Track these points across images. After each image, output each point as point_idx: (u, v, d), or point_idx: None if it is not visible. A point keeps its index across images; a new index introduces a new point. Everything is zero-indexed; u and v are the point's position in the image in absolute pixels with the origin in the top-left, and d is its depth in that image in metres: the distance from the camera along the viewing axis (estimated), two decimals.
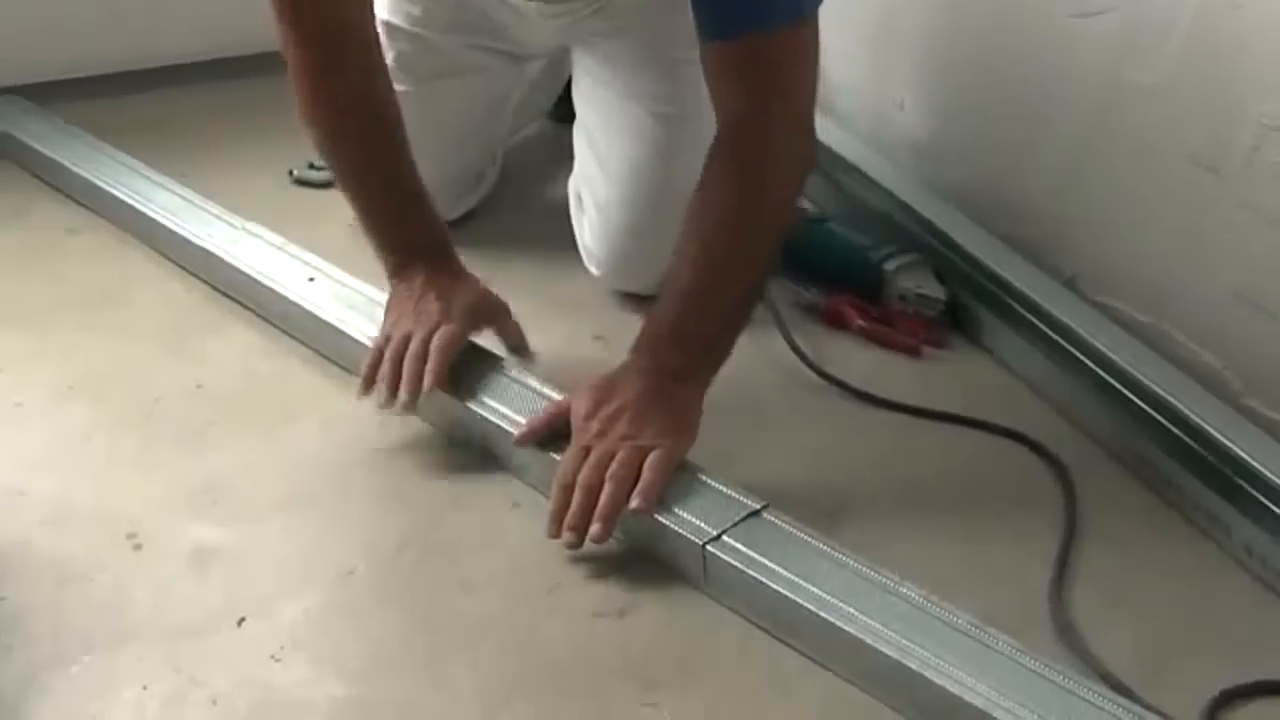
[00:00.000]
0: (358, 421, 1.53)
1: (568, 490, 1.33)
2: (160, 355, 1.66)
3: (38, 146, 2.01)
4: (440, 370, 1.44)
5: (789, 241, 1.81)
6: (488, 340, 1.57)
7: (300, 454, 1.50)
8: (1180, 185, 1.54)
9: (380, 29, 1.65)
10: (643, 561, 1.35)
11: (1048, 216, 1.74)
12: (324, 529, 1.40)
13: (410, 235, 1.55)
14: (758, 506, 1.33)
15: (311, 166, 2.03)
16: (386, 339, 1.48)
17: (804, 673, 1.24)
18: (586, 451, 1.35)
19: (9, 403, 1.57)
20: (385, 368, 1.46)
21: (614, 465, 1.33)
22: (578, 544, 1.32)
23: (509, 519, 1.41)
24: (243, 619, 1.28)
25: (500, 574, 1.35)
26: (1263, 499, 1.36)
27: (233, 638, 1.26)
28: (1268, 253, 1.44)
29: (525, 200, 1.98)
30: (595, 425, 1.37)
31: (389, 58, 1.67)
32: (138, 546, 1.36)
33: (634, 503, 1.32)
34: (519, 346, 1.59)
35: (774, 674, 1.25)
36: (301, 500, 1.44)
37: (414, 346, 1.45)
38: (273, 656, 1.24)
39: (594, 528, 1.31)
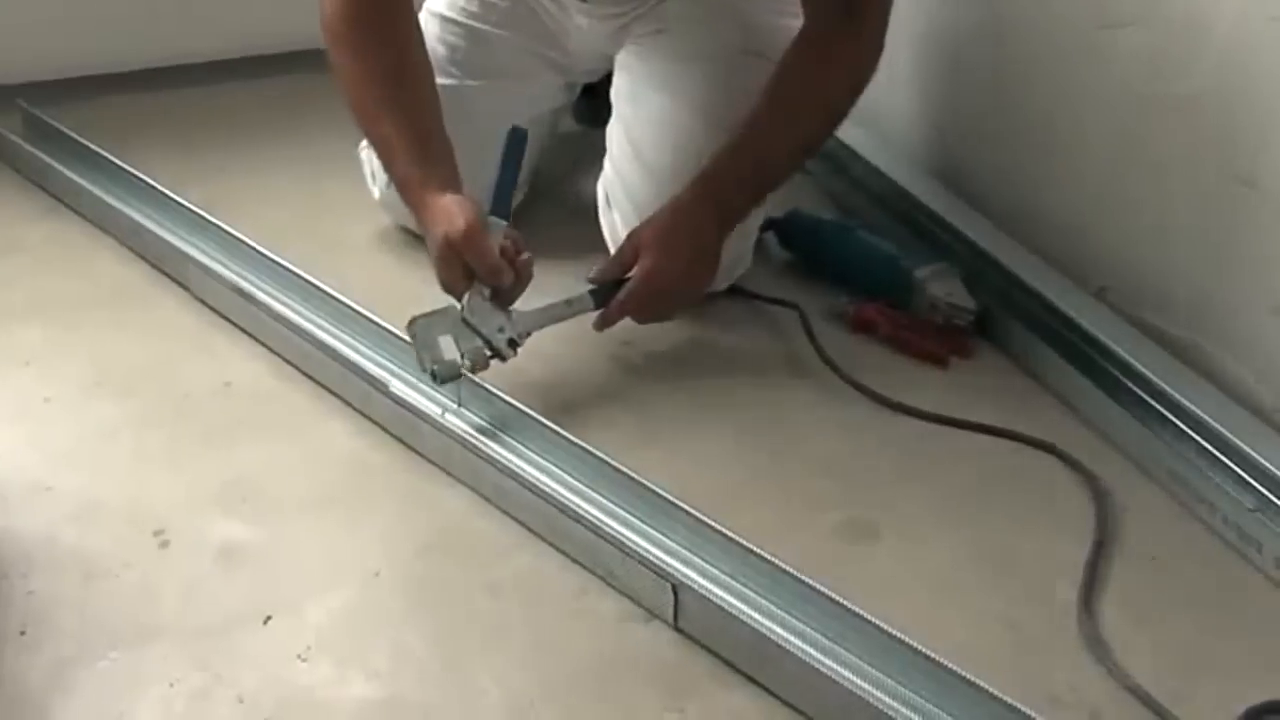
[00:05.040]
0: (385, 422, 1.53)
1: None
2: (189, 352, 1.66)
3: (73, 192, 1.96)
4: None
5: (819, 248, 1.83)
6: None
7: (328, 454, 1.50)
8: (1215, 198, 1.53)
9: (435, 22, 1.76)
10: None
11: (1079, 227, 1.74)
12: (351, 529, 1.40)
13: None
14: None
15: None
16: None
17: None
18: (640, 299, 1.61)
19: (37, 397, 1.57)
20: None
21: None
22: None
23: None
24: (269, 618, 1.28)
25: (526, 577, 1.34)
26: None
27: (259, 636, 1.26)
28: None
29: (551, 202, 1.97)
30: (648, 302, 1.62)
31: (441, 52, 1.75)
32: (165, 543, 1.36)
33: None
34: None
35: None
36: (328, 500, 1.43)
37: None
38: (299, 656, 1.24)
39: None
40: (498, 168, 1.61)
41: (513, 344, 1.52)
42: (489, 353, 1.51)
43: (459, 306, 1.51)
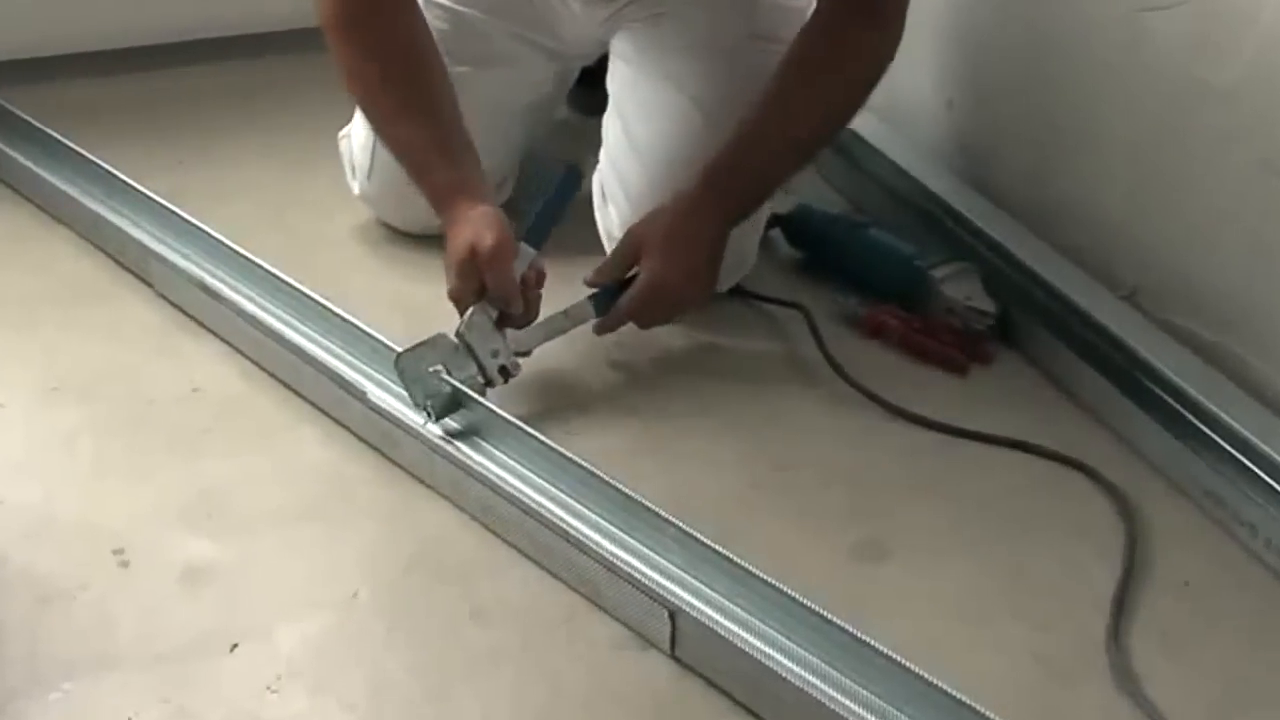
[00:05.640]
0: (362, 431, 1.51)
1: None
2: (152, 355, 1.64)
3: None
4: None
5: (828, 246, 1.81)
6: None
7: (302, 465, 1.49)
8: (1254, 194, 1.52)
9: (422, 4, 1.70)
10: None
11: (1108, 225, 1.72)
12: (326, 547, 1.38)
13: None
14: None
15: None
16: None
17: None
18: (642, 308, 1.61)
19: None
20: None
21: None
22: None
23: None
24: (236, 645, 1.26)
25: (514, 601, 1.33)
26: None
27: (225, 665, 1.24)
28: None
29: None
30: (653, 309, 1.61)
31: None
32: (124, 563, 1.34)
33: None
34: None
35: None
36: (303, 515, 1.42)
37: None
38: (268, 686, 1.22)
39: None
40: (545, 199, 1.63)
41: (505, 371, 1.53)
42: (482, 380, 1.51)
43: (454, 329, 1.51)
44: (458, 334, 1.50)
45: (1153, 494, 1.47)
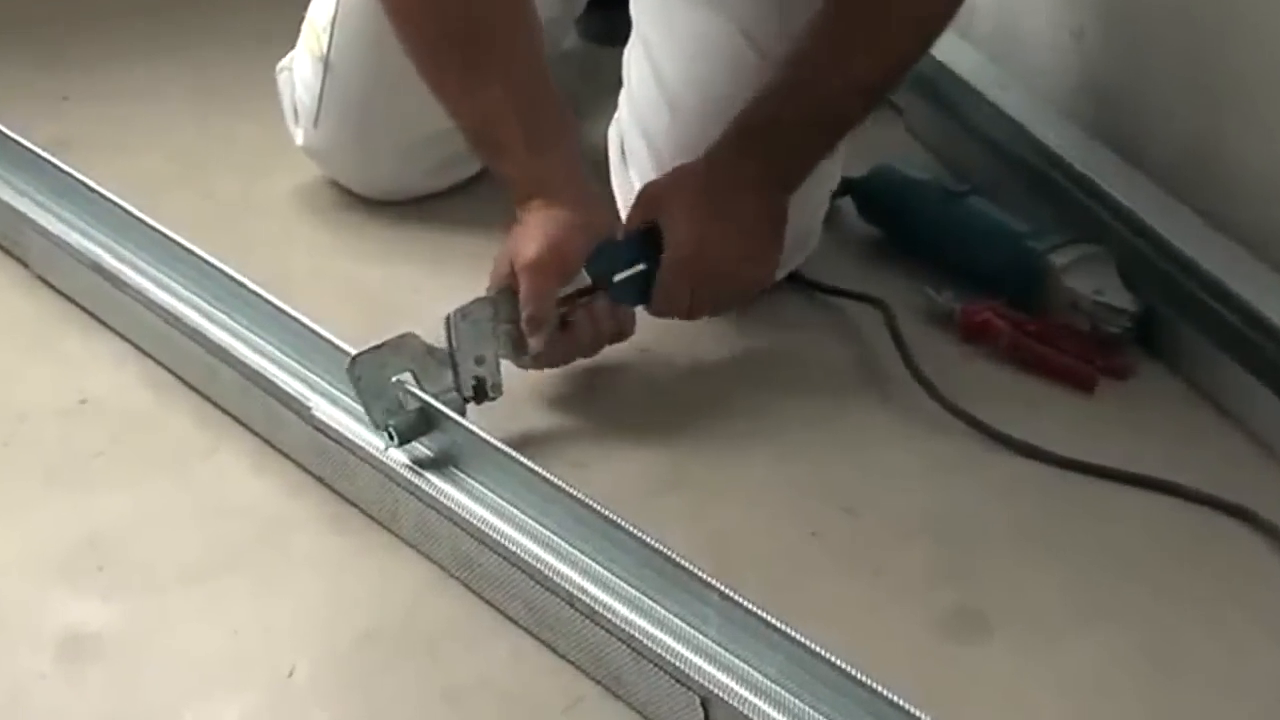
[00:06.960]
0: (303, 458, 1.52)
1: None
2: (27, 356, 1.67)
3: None
4: None
5: (914, 221, 1.81)
6: None
7: (225, 501, 1.50)
8: None
9: None
10: None
11: None
12: (254, 610, 1.38)
13: None
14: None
15: None
16: None
17: None
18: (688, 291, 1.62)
19: None
20: None
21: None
22: None
23: None
24: None
25: (499, 680, 1.33)
26: None
27: None
28: None
29: None
30: (679, 297, 1.62)
31: None
32: None
33: None
34: None
35: None
36: (224, 568, 1.42)
37: None
38: None
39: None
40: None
41: (480, 388, 1.54)
42: (464, 397, 1.53)
43: (440, 322, 1.52)
44: (446, 319, 1.51)
45: None
